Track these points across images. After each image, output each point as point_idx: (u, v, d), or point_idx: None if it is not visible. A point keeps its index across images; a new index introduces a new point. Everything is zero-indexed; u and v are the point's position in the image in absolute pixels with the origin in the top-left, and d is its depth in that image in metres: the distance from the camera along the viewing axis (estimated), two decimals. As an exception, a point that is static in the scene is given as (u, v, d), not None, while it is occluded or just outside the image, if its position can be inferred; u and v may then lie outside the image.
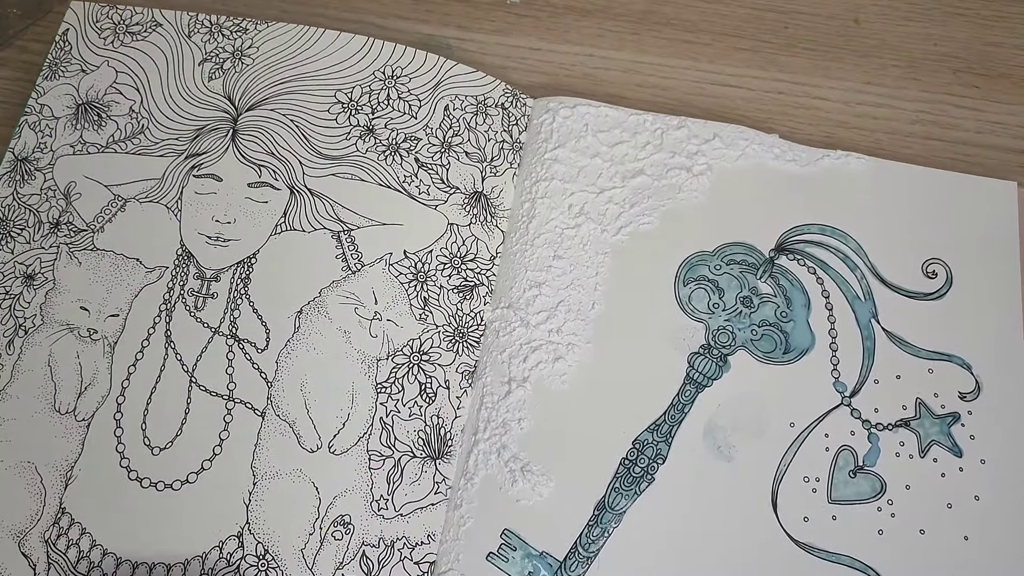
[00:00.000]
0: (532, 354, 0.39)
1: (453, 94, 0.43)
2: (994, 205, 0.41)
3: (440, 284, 0.40)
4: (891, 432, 0.37)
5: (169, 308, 0.39)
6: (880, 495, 0.36)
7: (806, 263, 0.40)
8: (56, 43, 0.44)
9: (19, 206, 0.41)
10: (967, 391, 0.38)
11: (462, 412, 0.38)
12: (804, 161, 0.42)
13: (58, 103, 0.43)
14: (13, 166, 0.41)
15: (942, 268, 0.40)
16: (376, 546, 0.35)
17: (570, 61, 0.46)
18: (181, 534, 0.35)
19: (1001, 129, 0.44)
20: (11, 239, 0.40)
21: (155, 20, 0.44)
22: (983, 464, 0.37)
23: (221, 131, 0.42)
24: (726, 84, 0.45)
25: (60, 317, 0.38)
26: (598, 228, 0.41)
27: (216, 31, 0.44)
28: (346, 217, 0.41)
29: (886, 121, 0.44)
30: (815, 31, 0.47)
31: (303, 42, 0.43)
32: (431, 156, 0.42)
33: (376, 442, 0.37)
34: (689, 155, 0.42)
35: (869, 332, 0.39)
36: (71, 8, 0.45)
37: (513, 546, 0.36)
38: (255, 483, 0.36)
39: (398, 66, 0.44)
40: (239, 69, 0.43)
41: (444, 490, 0.36)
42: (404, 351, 0.39)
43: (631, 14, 0.47)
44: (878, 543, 0.36)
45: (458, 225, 0.41)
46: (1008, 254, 0.40)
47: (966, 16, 0.47)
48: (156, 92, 0.43)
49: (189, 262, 0.39)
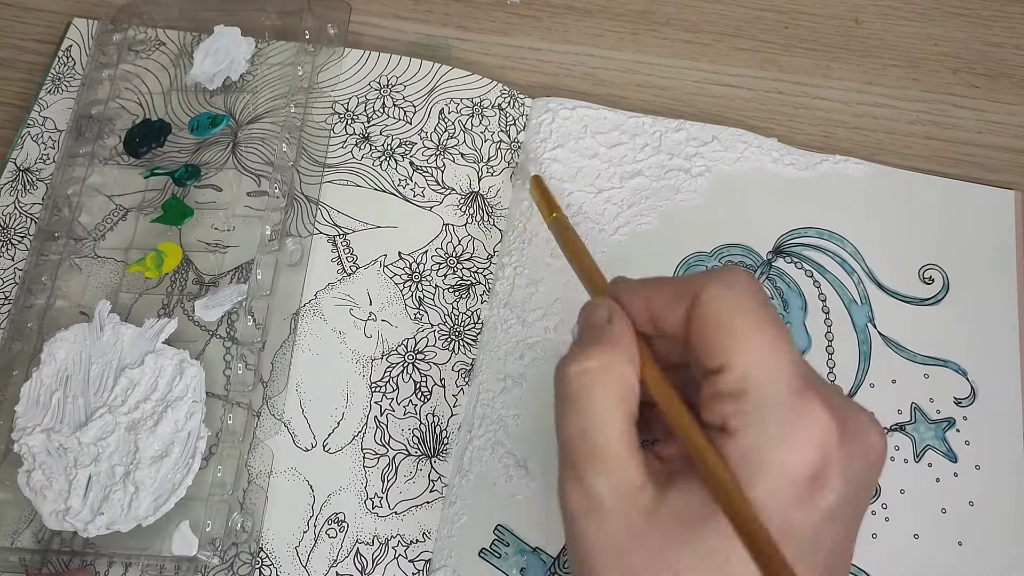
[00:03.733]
0: (528, 351, 0.39)
1: (448, 98, 0.43)
2: (993, 213, 0.41)
3: (435, 284, 0.40)
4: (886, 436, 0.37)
5: (168, 313, 0.39)
6: (874, 499, 0.36)
7: (803, 266, 0.40)
8: (59, 58, 0.45)
9: (20, 215, 0.41)
10: (962, 397, 0.38)
11: (458, 410, 0.38)
12: (802, 165, 0.42)
13: (60, 116, 0.43)
14: (15, 176, 0.42)
15: (939, 274, 0.40)
16: (370, 544, 0.36)
17: (570, 61, 0.46)
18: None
19: (1001, 129, 0.44)
20: (11, 246, 0.41)
21: (159, 39, 0.45)
22: (978, 470, 0.37)
23: (222, 144, 0.42)
24: (726, 84, 0.45)
25: (61, 322, 0.39)
26: (596, 228, 0.41)
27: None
28: (341, 222, 0.41)
29: (886, 121, 0.44)
30: (815, 31, 0.46)
31: (302, 57, 0.44)
32: (426, 159, 0.42)
33: (370, 440, 0.37)
34: (687, 157, 0.42)
35: (865, 336, 0.39)
36: (74, 25, 0.45)
37: (506, 542, 0.36)
38: (249, 481, 0.36)
39: (393, 75, 0.44)
40: (240, 84, 0.44)
41: (440, 488, 0.37)
42: (399, 350, 0.39)
43: (631, 14, 0.47)
44: (872, 547, 0.36)
45: (453, 225, 0.41)
46: (1005, 262, 0.40)
47: (966, 16, 0.47)
48: (159, 107, 0.43)
49: (188, 268, 0.40)
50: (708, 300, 0.25)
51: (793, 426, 0.23)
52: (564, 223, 0.36)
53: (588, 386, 0.25)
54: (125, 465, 0.35)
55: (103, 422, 0.35)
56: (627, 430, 0.25)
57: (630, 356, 0.26)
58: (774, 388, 0.24)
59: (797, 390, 0.24)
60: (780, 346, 0.24)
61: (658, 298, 0.26)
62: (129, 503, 0.34)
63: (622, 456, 0.25)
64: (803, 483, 0.23)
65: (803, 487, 0.23)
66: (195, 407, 0.36)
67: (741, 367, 0.24)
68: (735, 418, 0.24)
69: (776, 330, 0.24)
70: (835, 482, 0.23)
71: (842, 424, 0.24)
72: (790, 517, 0.23)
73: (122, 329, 0.37)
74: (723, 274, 0.26)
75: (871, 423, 0.25)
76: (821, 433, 0.23)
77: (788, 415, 0.23)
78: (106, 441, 0.35)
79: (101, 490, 0.34)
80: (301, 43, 0.44)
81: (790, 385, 0.24)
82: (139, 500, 0.34)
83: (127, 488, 0.34)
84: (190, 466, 0.35)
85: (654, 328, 0.27)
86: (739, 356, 0.24)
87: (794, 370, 0.24)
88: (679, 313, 0.26)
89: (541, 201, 0.38)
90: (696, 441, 0.24)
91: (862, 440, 0.25)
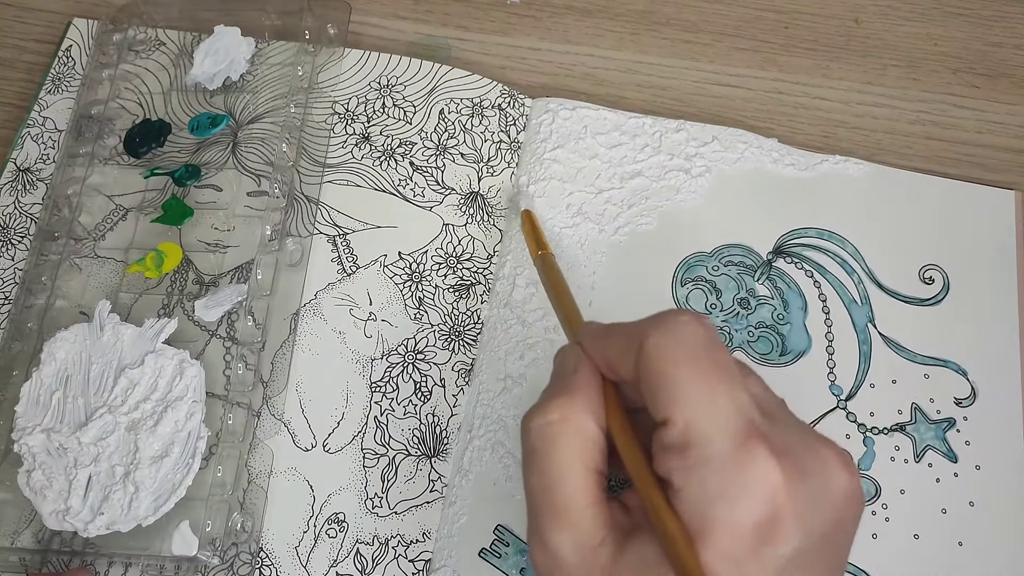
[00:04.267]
0: (528, 351, 0.39)
1: (448, 98, 0.43)
2: (993, 213, 0.41)
3: (435, 284, 0.40)
4: (886, 436, 0.37)
5: (168, 313, 0.39)
6: (875, 499, 0.36)
7: (803, 266, 0.40)
8: (59, 58, 0.45)
9: (20, 215, 0.41)
10: (963, 397, 0.38)
11: (458, 410, 0.38)
12: (802, 165, 0.42)
13: (60, 116, 0.43)
14: (15, 176, 0.42)
15: (939, 274, 0.40)
16: (370, 544, 0.36)
17: (570, 61, 0.46)
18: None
19: (1001, 129, 0.44)
20: (11, 246, 0.41)
21: (159, 39, 0.45)
22: (978, 470, 0.37)
23: (222, 144, 0.42)
24: (726, 84, 0.45)
25: (61, 322, 0.38)
26: (596, 228, 0.41)
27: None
28: (341, 222, 0.41)
29: (886, 121, 0.44)
30: (815, 31, 0.46)
31: (302, 57, 0.44)
32: (426, 159, 0.42)
33: (370, 440, 0.37)
34: (688, 157, 0.42)
35: (865, 336, 0.39)
36: (74, 25, 0.45)
37: (506, 542, 0.36)
38: (249, 481, 0.36)
39: (393, 75, 0.44)
40: (240, 84, 0.44)
41: (440, 488, 0.37)
42: (399, 350, 0.39)
43: (631, 14, 0.47)
44: (872, 547, 0.36)
45: (453, 225, 0.41)
46: (1005, 262, 0.40)
47: (966, 16, 0.47)
48: (159, 107, 0.43)
49: (188, 268, 0.40)
50: (650, 350, 0.24)
51: (735, 479, 0.23)
52: (550, 261, 0.35)
53: (550, 439, 0.25)
54: (125, 465, 0.35)
55: (103, 422, 0.35)
56: (588, 483, 0.25)
57: (593, 406, 0.26)
58: (716, 440, 0.23)
59: (740, 440, 0.23)
60: (722, 394, 0.24)
61: (613, 347, 0.26)
62: (129, 503, 0.34)
63: (583, 511, 0.25)
64: (751, 536, 0.22)
65: (752, 540, 0.22)
66: (195, 407, 0.36)
67: (682, 421, 0.23)
68: (678, 473, 0.23)
69: (719, 377, 0.24)
70: (789, 530, 0.23)
71: (795, 466, 0.23)
72: (745, 571, 0.22)
73: (122, 329, 0.37)
74: (666, 321, 0.25)
75: (836, 460, 0.24)
76: (767, 482, 0.23)
77: (729, 468, 0.23)
78: (106, 441, 0.35)
79: (101, 490, 0.34)
80: (301, 43, 0.44)
81: (733, 436, 0.23)
82: (139, 500, 0.34)
83: (127, 488, 0.34)
84: (190, 466, 0.35)
85: (616, 377, 0.26)
86: (680, 408, 0.23)
87: (737, 419, 0.23)
88: (631, 362, 0.25)
89: (529, 237, 0.38)
90: (650, 495, 0.24)
91: (821, 480, 0.24)
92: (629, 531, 0.25)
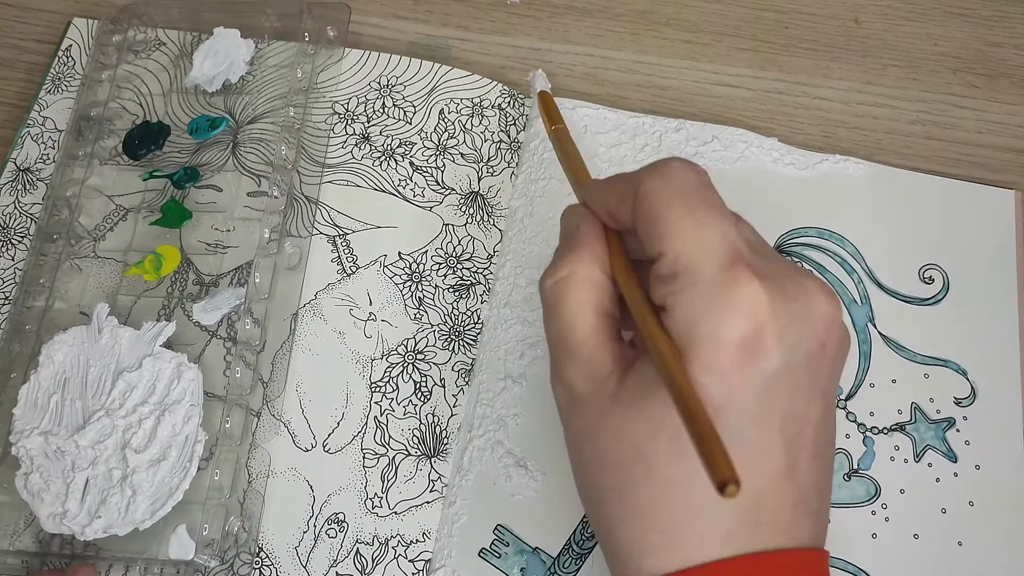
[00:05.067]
0: (528, 351, 0.39)
1: (448, 98, 0.43)
2: (993, 212, 0.41)
3: (435, 284, 0.40)
4: (886, 436, 0.37)
5: (168, 314, 0.39)
6: (874, 499, 0.36)
7: (804, 266, 0.40)
8: (59, 58, 0.44)
9: (20, 215, 0.41)
10: (962, 396, 0.38)
11: (458, 410, 0.38)
12: (802, 165, 0.42)
13: (60, 116, 0.43)
14: (15, 176, 0.42)
15: (939, 274, 0.40)
16: (370, 544, 0.36)
17: (570, 61, 0.46)
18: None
19: (1001, 129, 0.44)
20: (11, 246, 0.41)
21: (159, 40, 0.45)
22: (978, 469, 0.37)
23: (222, 144, 0.42)
24: (726, 84, 0.45)
25: (60, 323, 0.38)
26: (596, 228, 0.41)
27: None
28: (341, 222, 0.41)
29: (886, 121, 0.44)
30: (815, 31, 0.46)
31: (301, 59, 0.44)
32: (426, 159, 0.42)
33: (370, 440, 0.37)
34: (688, 157, 0.42)
35: (865, 336, 0.39)
36: (74, 25, 0.45)
37: (506, 542, 0.36)
38: (249, 482, 0.36)
39: (393, 75, 0.44)
40: (240, 86, 0.44)
41: (440, 488, 0.37)
42: (399, 350, 0.39)
43: (631, 14, 0.47)
44: (872, 546, 0.36)
45: (454, 225, 0.41)
46: (1005, 261, 0.40)
47: (966, 16, 0.47)
48: (159, 108, 0.43)
49: (188, 269, 0.40)
50: (644, 193, 0.26)
51: (720, 298, 0.24)
52: (564, 134, 0.36)
53: (560, 294, 0.27)
54: (122, 468, 0.35)
55: (100, 425, 0.35)
56: (598, 325, 0.27)
57: (597, 256, 0.27)
58: (703, 266, 0.24)
59: (726, 265, 0.24)
60: (709, 226, 0.25)
61: (612, 196, 0.28)
62: (126, 507, 0.34)
63: (592, 349, 0.27)
64: (736, 351, 0.24)
65: (736, 355, 0.24)
66: (192, 411, 0.36)
67: (673, 252, 0.25)
68: (669, 298, 0.25)
69: (706, 212, 0.25)
70: (772, 346, 0.24)
71: (777, 290, 0.25)
72: (730, 385, 0.24)
73: (120, 332, 0.37)
74: (659, 166, 0.26)
75: (817, 288, 0.26)
76: (750, 301, 0.24)
77: (715, 288, 0.24)
78: (103, 444, 0.35)
79: (98, 493, 0.34)
80: (301, 44, 0.44)
81: (719, 262, 0.24)
82: (136, 504, 0.34)
83: (124, 491, 0.34)
84: (187, 470, 0.35)
85: (618, 224, 0.28)
86: (671, 242, 0.25)
87: (723, 247, 0.25)
88: (628, 207, 0.27)
89: (544, 113, 0.38)
90: (644, 319, 0.25)
91: (802, 303, 0.25)
92: (633, 361, 0.27)
